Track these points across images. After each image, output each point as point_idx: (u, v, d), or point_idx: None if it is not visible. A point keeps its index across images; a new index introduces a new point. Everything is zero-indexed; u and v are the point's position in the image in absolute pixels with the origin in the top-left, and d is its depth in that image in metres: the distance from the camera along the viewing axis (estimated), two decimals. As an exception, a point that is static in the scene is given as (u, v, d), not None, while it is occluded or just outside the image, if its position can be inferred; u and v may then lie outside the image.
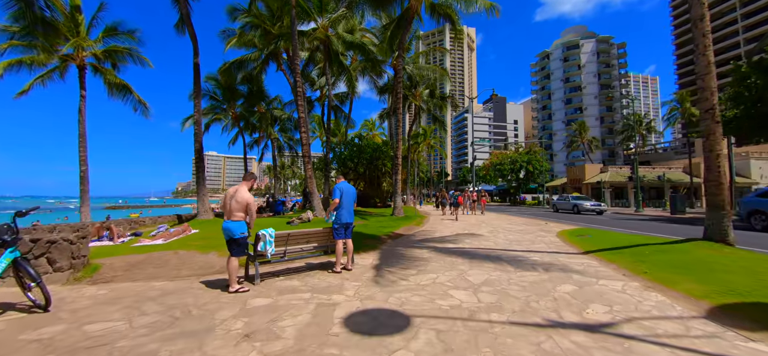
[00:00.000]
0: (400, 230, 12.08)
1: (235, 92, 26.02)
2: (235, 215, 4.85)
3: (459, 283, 5.07)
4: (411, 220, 15.42)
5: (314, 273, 5.81)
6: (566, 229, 11.97)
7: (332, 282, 5.28)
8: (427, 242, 9.21)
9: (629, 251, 6.83)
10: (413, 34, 23.95)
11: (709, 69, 6.42)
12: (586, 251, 7.32)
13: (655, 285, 4.78)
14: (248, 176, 5.20)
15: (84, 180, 12.40)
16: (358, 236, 9.98)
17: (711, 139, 6.36)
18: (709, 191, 6.55)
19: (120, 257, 6.66)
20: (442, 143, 65.13)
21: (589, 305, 4.03)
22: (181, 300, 4.40)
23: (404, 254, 7.47)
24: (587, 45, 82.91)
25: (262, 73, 24.93)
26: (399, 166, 16.72)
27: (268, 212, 17.94)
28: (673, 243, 7.10)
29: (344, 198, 5.93)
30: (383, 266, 6.39)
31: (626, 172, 41.28)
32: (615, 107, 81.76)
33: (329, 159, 21.64)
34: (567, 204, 26.64)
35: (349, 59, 26.51)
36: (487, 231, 11.71)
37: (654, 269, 5.41)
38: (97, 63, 13.76)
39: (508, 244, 8.83)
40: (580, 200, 25.91)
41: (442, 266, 6.25)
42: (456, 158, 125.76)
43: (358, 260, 6.93)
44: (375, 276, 5.60)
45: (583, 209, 24.38)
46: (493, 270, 5.84)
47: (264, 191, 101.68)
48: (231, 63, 21.87)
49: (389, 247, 8.50)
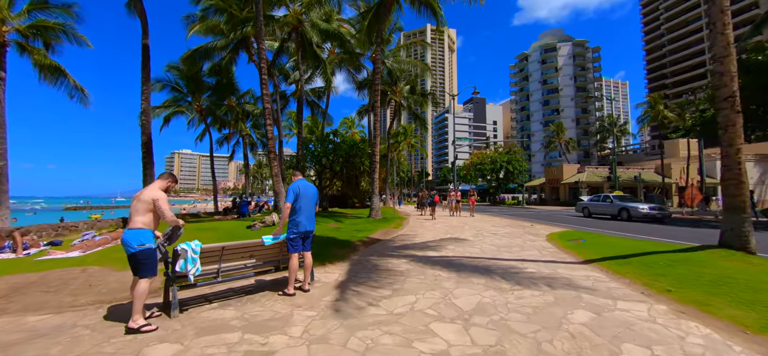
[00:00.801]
0: (377, 234, 10.88)
1: (200, 83, 23.97)
2: (135, 222, 3.50)
3: (444, 310, 3.92)
4: (389, 222, 14.25)
5: (259, 297, 4.51)
6: (555, 232, 11.15)
7: (279, 310, 4.00)
8: (405, 250, 8.05)
9: (637, 260, 5.92)
10: (393, 26, 22.86)
11: (729, 51, 5.61)
12: (586, 261, 6.37)
13: (688, 310, 3.80)
14: (165, 176, 3.86)
15: (2, 178, 10.42)
16: (327, 243, 8.71)
17: (730, 131, 5.55)
18: (727, 191, 5.75)
19: (4, 278, 5.09)
20: (422, 143, 64.59)
21: (621, 345, 2.96)
22: (44, 351, 3.00)
23: (378, 266, 6.26)
24: (564, 48, 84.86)
25: (232, 64, 23.05)
26: (377, 163, 15.51)
27: (232, 215, 16.29)
28: (686, 252, 6.28)
29: (301, 201, 4.66)
30: (350, 283, 5.15)
31: (602, 172, 41.99)
32: (590, 109, 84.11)
33: (302, 156, 20.11)
34: (608, 207, 18.39)
35: (326, 52, 25.09)
36: (472, 235, 10.70)
37: (678, 286, 4.46)
38: (24, 41, 11.73)
39: (496, 251, 7.80)
40: (629, 202, 17.72)
41: (422, 283, 5.09)
42: (436, 158, 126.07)
43: (321, 275, 5.66)
44: (337, 300, 4.36)
45: (637, 215, 16.40)
46: (485, 288, 4.73)
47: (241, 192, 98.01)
48: (194, 51, 19.93)
49: (362, 256, 7.27)
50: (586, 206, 20.59)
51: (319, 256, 6.95)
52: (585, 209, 20.56)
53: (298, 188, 4.67)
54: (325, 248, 7.91)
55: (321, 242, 8.68)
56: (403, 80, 27.49)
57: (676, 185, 39.72)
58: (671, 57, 75.16)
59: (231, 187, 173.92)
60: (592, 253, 6.99)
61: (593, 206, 19.96)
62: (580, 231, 11.49)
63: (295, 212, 4.65)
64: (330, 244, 8.52)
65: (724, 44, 5.64)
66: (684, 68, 72.52)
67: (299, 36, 18.29)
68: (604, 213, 18.86)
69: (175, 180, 3.90)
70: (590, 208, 20.09)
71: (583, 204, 21.19)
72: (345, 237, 9.69)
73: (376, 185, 15.51)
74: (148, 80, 12.20)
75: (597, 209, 19.51)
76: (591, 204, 20.25)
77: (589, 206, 20.27)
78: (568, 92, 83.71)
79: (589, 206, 20.27)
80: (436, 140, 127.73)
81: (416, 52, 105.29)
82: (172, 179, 3.86)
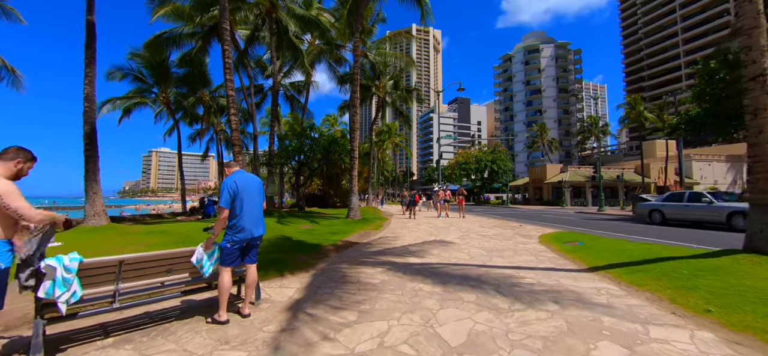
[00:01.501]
0: (353, 236, 9.77)
1: (168, 73, 22.13)
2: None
3: (425, 346, 2.86)
4: (369, 223, 13.16)
5: (179, 325, 3.35)
6: (547, 233, 10.34)
7: (194, 350, 2.85)
8: (383, 256, 6.98)
9: (651, 268, 5.05)
10: (376, 16, 21.77)
11: (759, 21, 4.81)
12: (591, 268, 5.47)
13: (744, 340, 2.89)
14: (10, 154, 2.55)
15: None
16: (293, 247, 7.55)
17: (760, 117, 4.73)
18: (755, 186, 4.95)
19: None
20: (407, 142, 63.85)
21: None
22: None
23: (347, 277, 5.16)
24: (547, 50, 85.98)
25: (204, 54, 21.40)
26: (355, 160, 14.37)
27: (197, 215, 14.83)
28: (707, 257, 5.47)
29: (243, 200, 3.52)
30: (307, 303, 4.03)
31: (585, 172, 42.24)
32: (571, 110, 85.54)
33: (275, 151, 18.72)
34: (702, 211, 12.72)
35: (306, 44, 23.74)
36: (458, 236, 9.74)
37: (717, 304, 3.57)
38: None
39: (486, 256, 6.83)
40: (735, 204, 11.91)
41: (399, 300, 4.03)
42: (421, 158, 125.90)
43: (275, 291, 4.51)
44: (282, 330, 3.24)
45: None
46: (477, 308, 3.72)
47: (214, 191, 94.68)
48: (158, 36, 18.20)
49: (331, 264, 6.16)
50: (656, 210, 14.32)
51: (278, 264, 5.81)
52: (654, 214, 14.35)
53: (235, 184, 3.52)
54: (288, 254, 6.75)
55: (286, 248, 7.51)
56: (386, 75, 26.43)
57: (655, 184, 40.42)
58: (649, 60, 77.27)
59: (212, 186, 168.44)
60: (595, 258, 6.12)
61: (671, 209, 13.80)
62: (574, 232, 10.74)
63: (235, 216, 3.51)
64: (296, 249, 7.36)
65: (753, 14, 4.84)
66: (661, 72, 74.68)
67: (273, 22, 16.93)
68: (695, 220, 12.92)
69: (28, 158, 2.60)
70: (665, 212, 13.95)
71: (649, 206, 14.85)
72: (316, 241, 8.54)
73: (354, 182, 14.37)
74: (93, 62, 10.63)
75: (679, 214, 13.44)
76: (665, 206, 14.02)
77: (663, 209, 14.05)
78: (550, 93, 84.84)
79: (663, 209, 14.05)
80: (421, 140, 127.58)
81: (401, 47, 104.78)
82: (22, 157, 2.55)
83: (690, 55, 67.33)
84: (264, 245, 7.63)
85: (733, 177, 42.02)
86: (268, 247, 7.44)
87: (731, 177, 42.05)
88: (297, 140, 18.93)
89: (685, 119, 18.94)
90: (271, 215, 15.21)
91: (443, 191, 18.30)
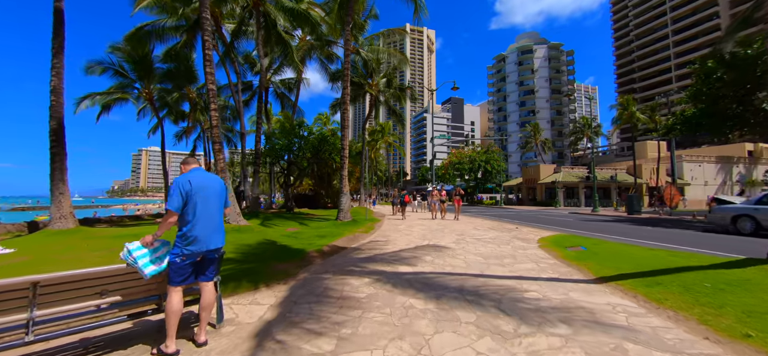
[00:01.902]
0: (342, 240, 9.17)
1: (151, 68, 21.27)
2: None
3: (416, 390, 2.29)
4: (359, 225, 12.57)
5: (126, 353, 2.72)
6: (546, 236, 9.87)
7: (122, 398, 2.23)
8: (372, 263, 6.40)
9: (671, 281, 4.55)
10: (368, 12, 21.19)
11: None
12: (600, 279, 4.96)
13: (803, 377, 2.38)
14: None
15: None
16: (274, 254, 6.93)
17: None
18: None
19: None
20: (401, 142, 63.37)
21: None
22: None
23: (330, 291, 4.57)
24: (540, 50, 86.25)
25: (190, 49, 20.57)
26: (346, 158, 13.76)
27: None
28: (729, 267, 5.02)
29: (197, 204, 2.91)
30: (279, 326, 3.43)
31: (578, 172, 42.20)
32: (564, 110, 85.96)
33: (261, 150, 18.01)
34: None
35: (296, 40, 23.03)
36: (453, 240, 9.21)
37: (755, 326, 3.08)
38: None
39: (484, 263, 6.30)
40: None
41: (386, 321, 3.46)
42: (415, 158, 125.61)
43: (243, 308, 3.90)
44: (241, 367, 2.64)
45: None
46: (478, 333, 3.16)
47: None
48: (140, 28, 17.36)
49: (314, 273, 5.56)
50: (745, 215, 10.56)
51: (253, 276, 5.19)
52: (742, 222, 10.58)
53: (188, 183, 2.90)
54: (266, 263, 6.12)
55: (266, 255, 6.89)
56: (379, 73, 25.83)
57: (647, 185, 40.56)
58: (640, 62, 78.06)
59: None
60: (602, 266, 5.63)
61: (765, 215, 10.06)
62: (573, 235, 10.30)
63: (187, 223, 2.88)
64: (277, 256, 6.74)
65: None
66: (652, 73, 75.44)
67: (261, 16, 16.23)
68: None
69: None
70: (759, 218, 10.16)
71: (733, 210, 11.18)
72: (300, 246, 7.93)
73: (345, 182, 13.76)
74: (61, 52, 9.84)
75: None
76: (760, 212, 10.19)
77: (757, 215, 10.22)
78: (543, 94, 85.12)
79: (757, 215, 10.22)
80: (415, 140, 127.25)
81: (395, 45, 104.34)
82: None
83: (680, 58, 68.12)
84: (242, 252, 7.00)
85: (723, 178, 42.39)
86: (245, 254, 6.81)
87: (721, 178, 42.42)
88: (285, 139, 18.24)
89: (681, 119, 18.80)
90: (256, 217, 14.53)
91: (439, 191, 17.40)
